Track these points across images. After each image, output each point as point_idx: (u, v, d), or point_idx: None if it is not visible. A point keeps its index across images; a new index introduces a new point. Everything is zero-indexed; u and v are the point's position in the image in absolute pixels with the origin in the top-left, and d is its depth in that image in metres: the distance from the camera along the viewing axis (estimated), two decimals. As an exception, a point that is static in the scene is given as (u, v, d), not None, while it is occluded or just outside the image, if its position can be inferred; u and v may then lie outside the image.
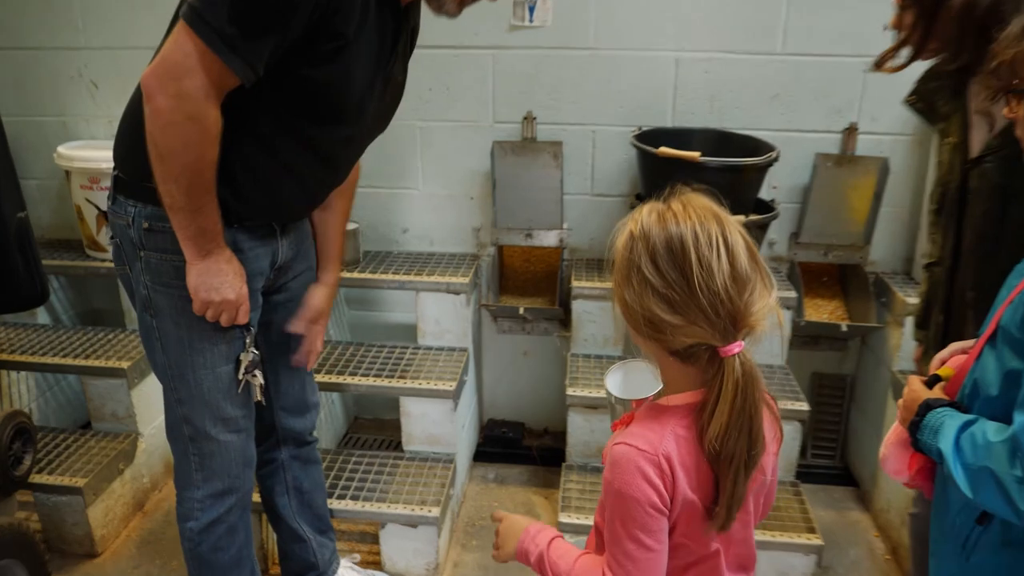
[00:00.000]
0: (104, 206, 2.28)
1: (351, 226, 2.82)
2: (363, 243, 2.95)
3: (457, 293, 2.73)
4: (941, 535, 1.32)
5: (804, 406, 2.45)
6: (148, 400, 2.64)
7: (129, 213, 1.58)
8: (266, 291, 1.77)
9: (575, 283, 2.70)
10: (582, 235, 2.92)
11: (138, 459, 2.64)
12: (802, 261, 2.87)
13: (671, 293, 0.99)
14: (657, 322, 1.00)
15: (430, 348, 2.80)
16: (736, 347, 1.00)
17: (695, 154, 2.32)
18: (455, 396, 2.52)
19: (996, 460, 1.08)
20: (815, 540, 2.27)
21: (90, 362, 2.57)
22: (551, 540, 1.20)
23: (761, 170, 2.43)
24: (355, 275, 2.77)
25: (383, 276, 2.76)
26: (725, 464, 1.03)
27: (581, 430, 2.54)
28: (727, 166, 2.36)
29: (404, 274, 2.78)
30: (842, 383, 3.06)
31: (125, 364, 2.55)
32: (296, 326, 1.85)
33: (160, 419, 2.54)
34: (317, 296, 1.88)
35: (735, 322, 1.00)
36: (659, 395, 1.12)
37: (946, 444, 1.16)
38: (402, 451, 2.63)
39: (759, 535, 2.24)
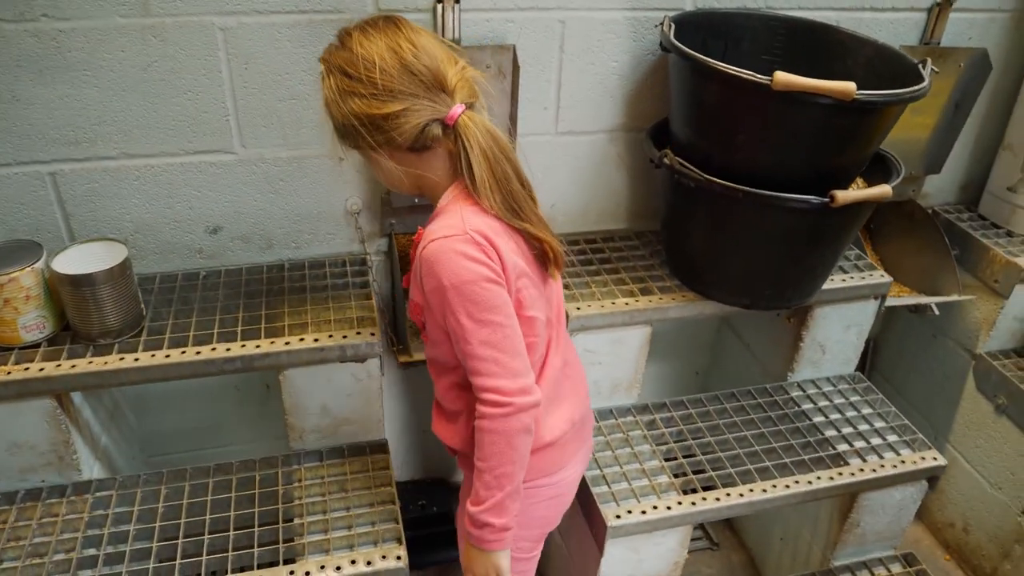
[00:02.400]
0: None
1: (112, 256, 1.35)
2: (138, 266, 1.49)
3: (362, 360, 1.44)
4: None
5: (935, 458, 1.62)
6: None
7: None
8: None
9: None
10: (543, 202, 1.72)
11: None
12: (845, 204, 1.96)
13: (371, 90, 1.01)
14: (377, 121, 1.02)
15: (318, 455, 1.52)
16: (458, 109, 1.04)
17: (848, 86, 1.20)
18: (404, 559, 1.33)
19: None
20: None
21: None
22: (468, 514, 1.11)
23: (907, 103, 1.38)
24: (136, 360, 1.34)
25: (196, 352, 1.37)
26: (518, 213, 1.08)
27: (619, 566, 1.50)
28: (883, 101, 1.29)
29: (247, 336, 1.42)
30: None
31: None
32: None
33: None
34: None
35: (442, 88, 1.03)
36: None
37: None
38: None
39: None
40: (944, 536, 2.13)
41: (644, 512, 1.43)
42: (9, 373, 1.30)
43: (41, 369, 1.31)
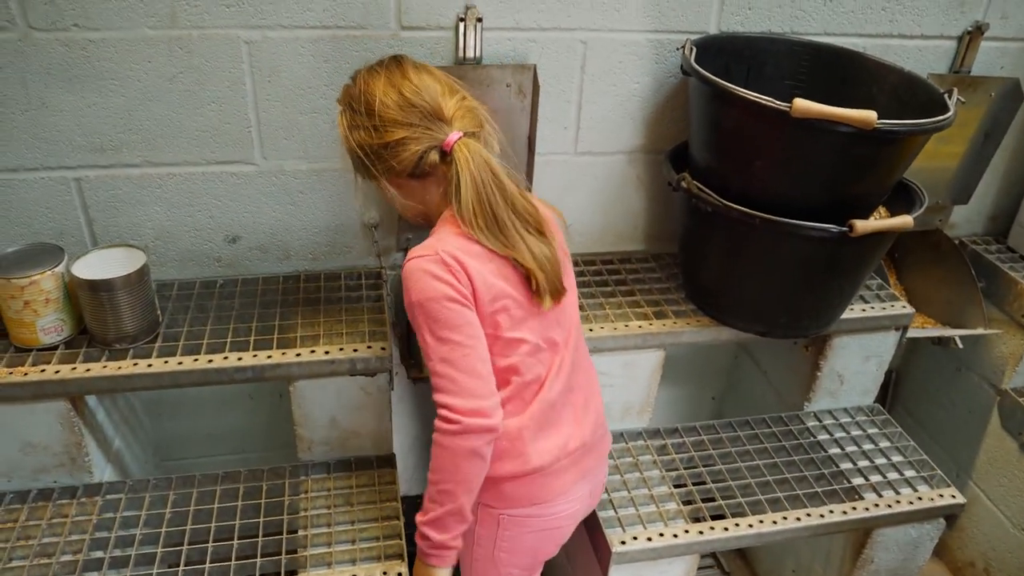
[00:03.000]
0: None
1: (130, 263, 1.37)
2: (157, 272, 1.51)
3: (371, 374, 1.45)
4: None
5: (953, 496, 1.58)
6: None
7: None
8: None
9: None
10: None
11: None
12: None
13: (373, 121, 1.10)
14: (378, 150, 1.11)
15: (325, 467, 1.52)
16: (454, 136, 1.10)
17: (868, 115, 1.19)
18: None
19: None
20: None
21: None
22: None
23: (930, 133, 1.36)
24: (150, 366, 1.36)
25: (208, 360, 1.39)
26: (503, 240, 1.11)
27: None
28: (905, 131, 1.27)
29: (259, 346, 1.43)
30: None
31: None
32: None
33: None
34: None
35: (440, 117, 1.10)
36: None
37: None
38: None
39: None
40: (964, 576, 2.07)
41: (650, 539, 1.41)
42: (26, 374, 1.32)
43: (57, 371, 1.33)
